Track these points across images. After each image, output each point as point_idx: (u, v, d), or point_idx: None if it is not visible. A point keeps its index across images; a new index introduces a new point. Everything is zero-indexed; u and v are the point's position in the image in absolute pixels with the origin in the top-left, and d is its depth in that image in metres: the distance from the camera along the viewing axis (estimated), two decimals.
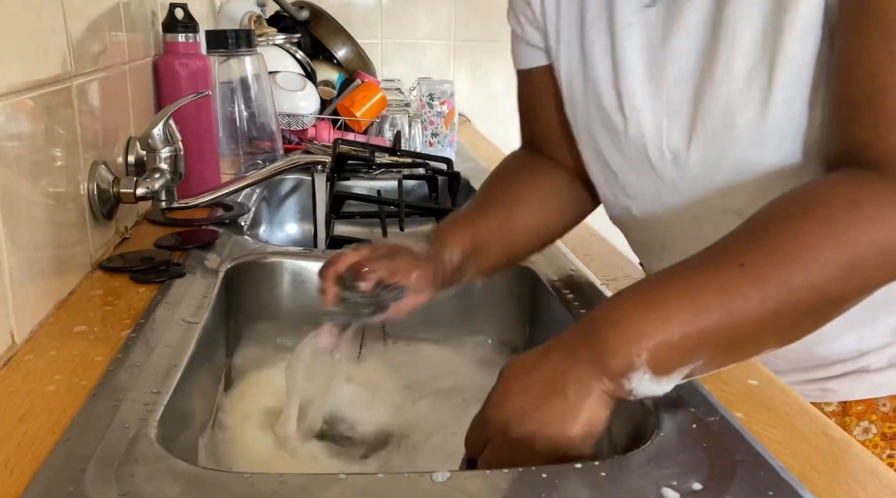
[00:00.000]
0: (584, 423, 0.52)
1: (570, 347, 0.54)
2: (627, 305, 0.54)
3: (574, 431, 0.52)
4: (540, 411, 0.52)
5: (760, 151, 0.64)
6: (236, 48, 1.32)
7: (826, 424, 0.57)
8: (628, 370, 0.52)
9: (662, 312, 0.52)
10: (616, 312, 0.54)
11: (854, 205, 0.52)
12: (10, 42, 0.67)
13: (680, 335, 0.51)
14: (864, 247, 0.51)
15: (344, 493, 0.47)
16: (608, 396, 0.53)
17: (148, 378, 0.60)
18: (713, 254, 0.55)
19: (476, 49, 2.24)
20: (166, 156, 0.93)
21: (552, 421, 0.52)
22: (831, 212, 0.52)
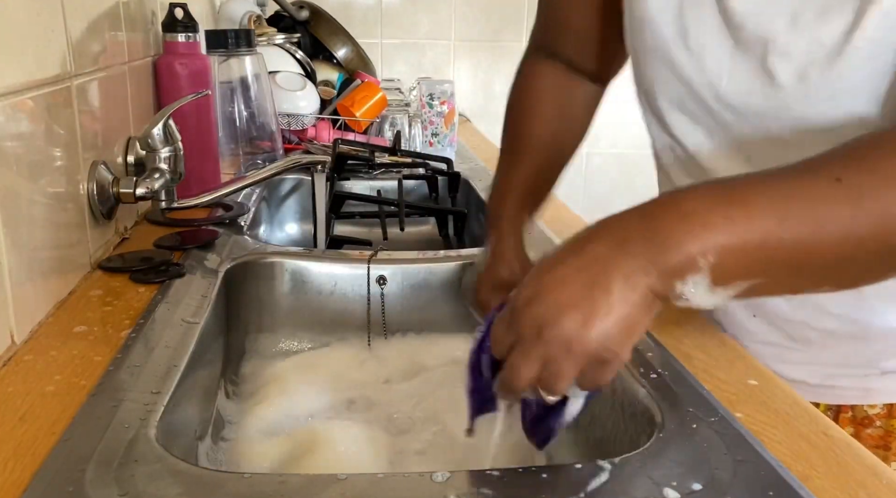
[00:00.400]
0: (626, 326, 0.46)
1: (619, 235, 0.47)
2: (704, 198, 0.47)
3: (614, 334, 0.45)
4: (578, 308, 0.46)
5: (832, 102, 0.60)
6: (236, 48, 1.32)
7: (826, 424, 0.57)
8: (687, 271, 0.46)
9: (744, 212, 0.46)
10: (689, 202, 0.47)
11: None
12: (10, 42, 0.67)
13: (758, 242, 0.46)
14: None
15: (344, 493, 0.47)
16: (655, 298, 0.46)
17: (148, 378, 0.60)
18: (807, 164, 0.49)
19: (476, 49, 2.24)
20: (166, 156, 0.93)
21: (592, 320, 0.45)
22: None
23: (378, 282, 0.92)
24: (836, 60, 0.59)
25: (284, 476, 0.49)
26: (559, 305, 0.46)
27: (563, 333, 0.46)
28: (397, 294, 0.92)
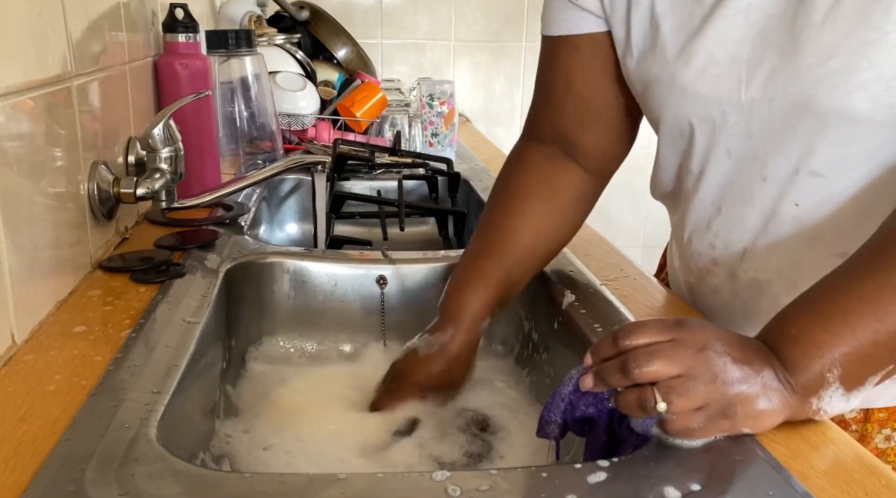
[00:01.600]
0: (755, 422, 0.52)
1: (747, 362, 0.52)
2: (805, 321, 0.53)
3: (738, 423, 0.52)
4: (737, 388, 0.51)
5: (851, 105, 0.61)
6: (236, 48, 1.32)
7: (826, 424, 0.57)
8: (820, 388, 0.52)
9: (845, 323, 0.51)
10: (794, 328, 0.53)
11: None
12: (10, 42, 0.67)
13: (870, 342, 0.51)
14: None
15: (344, 492, 0.47)
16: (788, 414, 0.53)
17: (148, 378, 0.60)
18: (878, 256, 0.54)
19: (476, 49, 2.24)
20: (166, 156, 0.93)
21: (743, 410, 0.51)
22: None
23: (378, 282, 0.92)
24: None
25: (284, 476, 0.49)
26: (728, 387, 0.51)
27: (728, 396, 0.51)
28: (398, 295, 0.92)
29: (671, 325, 0.53)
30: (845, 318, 0.52)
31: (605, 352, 0.54)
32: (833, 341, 0.51)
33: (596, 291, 0.82)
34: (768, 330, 0.55)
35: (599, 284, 0.85)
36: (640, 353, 0.51)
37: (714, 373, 0.50)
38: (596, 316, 0.76)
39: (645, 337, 0.52)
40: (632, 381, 0.51)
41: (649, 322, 0.54)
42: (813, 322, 0.53)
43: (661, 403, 0.50)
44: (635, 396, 0.51)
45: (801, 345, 0.52)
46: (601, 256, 0.95)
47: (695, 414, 0.51)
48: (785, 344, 0.53)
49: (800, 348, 0.52)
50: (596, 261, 0.93)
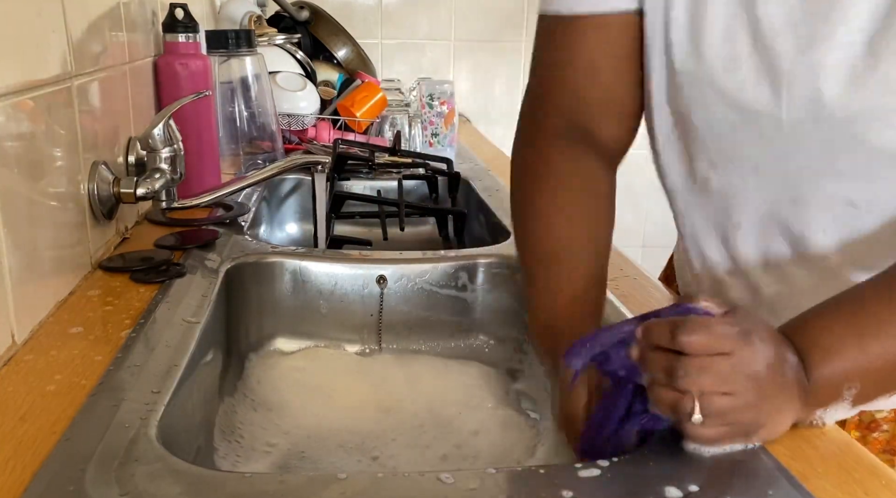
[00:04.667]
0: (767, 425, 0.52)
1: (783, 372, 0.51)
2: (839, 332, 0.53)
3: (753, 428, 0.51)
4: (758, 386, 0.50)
5: None
6: (236, 48, 1.32)
7: (827, 424, 0.57)
8: (832, 401, 0.53)
9: (877, 342, 0.52)
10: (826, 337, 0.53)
11: None
12: (10, 42, 0.67)
13: (894, 366, 0.52)
14: None
15: (344, 492, 0.47)
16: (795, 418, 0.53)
17: (148, 378, 0.60)
18: None
19: (476, 49, 2.24)
20: (166, 156, 0.93)
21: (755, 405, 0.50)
22: None
23: (378, 282, 0.92)
24: None
25: (284, 476, 0.49)
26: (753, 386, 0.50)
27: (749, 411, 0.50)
28: (398, 295, 0.92)
29: (735, 334, 0.50)
30: (878, 338, 0.52)
31: (658, 339, 0.50)
32: (862, 358, 0.52)
33: None
34: (799, 330, 0.53)
35: None
36: (694, 363, 0.48)
37: (758, 399, 0.50)
38: None
39: (705, 340, 0.49)
40: (674, 386, 0.49)
41: (713, 324, 0.50)
42: (846, 334, 0.52)
43: (697, 414, 0.48)
44: (673, 398, 0.49)
45: (830, 356, 0.52)
46: None
47: (721, 428, 0.50)
48: (814, 351, 0.52)
49: (828, 360, 0.52)
50: None
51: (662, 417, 0.52)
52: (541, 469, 0.50)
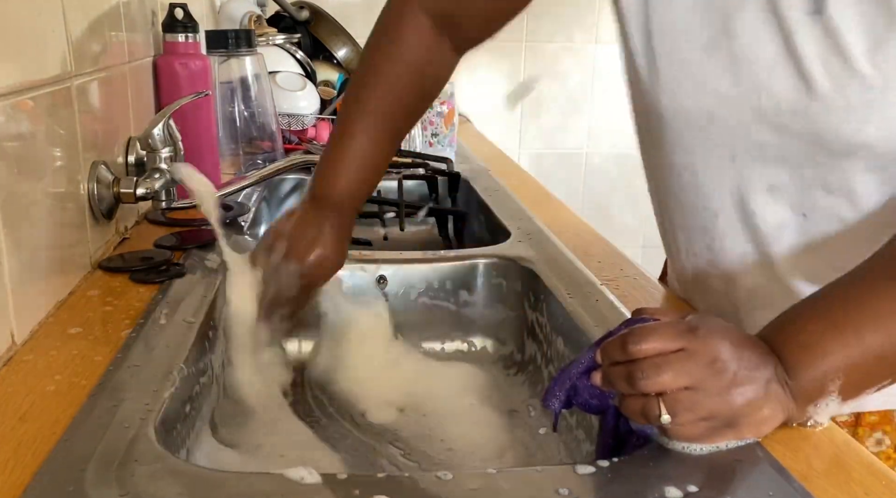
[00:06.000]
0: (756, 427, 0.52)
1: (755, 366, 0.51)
2: (815, 327, 0.53)
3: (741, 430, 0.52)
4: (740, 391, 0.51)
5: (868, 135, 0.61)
6: (236, 48, 1.32)
7: (827, 424, 0.57)
8: (818, 396, 0.53)
9: (854, 335, 0.52)
10: (803, 335, 0.53)
11: None
12: (10, 42, 0.67)
13: (875, 358, 0.52)
14: None
15: (344, 493, 0.47)
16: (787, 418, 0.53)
17: (148, 378, 0.60)
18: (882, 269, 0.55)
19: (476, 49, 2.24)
20: (166, 156, 0.93)
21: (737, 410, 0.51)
22: None
23: (378, 282, 0.92)
24: None
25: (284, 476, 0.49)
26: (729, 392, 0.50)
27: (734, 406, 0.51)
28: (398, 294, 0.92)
29: (683, 331, 0.51)
30: (857, 331, 0.52)
31: (613, 354, 0.52)
32: (841, 352, 0.52)
33: (596, 291, 0.82)
34: (775, 331, 0.55)
35: (599, 284, 0.85)
36: (648, 363, 0.49)
37: (722, 386, 0.50)
38: (596, 316, 0.76)
39: (655, 344, 0.50)
40: (638, 391, 0.50)
41: (660, 327, 0.51)
42: (823, 330, 0.53)
43: (665, 415, 0.49)
44: (640, 404, 0.50)
45: (809, 352, 0.52)
46: (601, 255, 0.95)
47: (699, 423, 0.50)
48: (792, 349, 0.53)
49: (807, 356, 0.52)
50: (596, 261, 0.93)
51: (646, 428, 0.52)
52: (540, 469, 0.50)
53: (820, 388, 0.52)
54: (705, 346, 0.50)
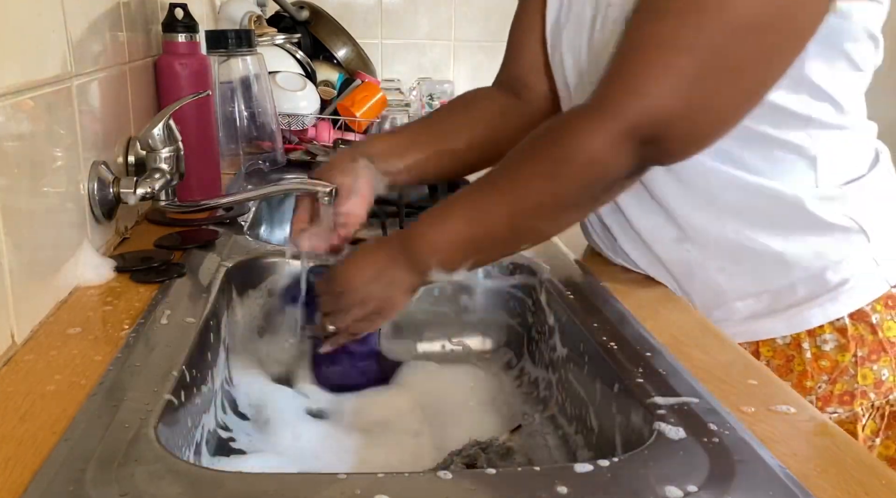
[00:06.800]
0: (401, 303, 0.74)
1: (391, 254, 0.72)
2: (424, 223, 0.71)
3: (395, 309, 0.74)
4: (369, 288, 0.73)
5: None
6: (236, 48, 1.32)
7: (826, 424, 0.57)
8: (426, 269, 0.70)
9: (447, 225, 0.70)
10: (421, 225, 0.71)
11: (563, 125, 0.69)
12: (10, 42, 0.67)
13: (463, 238, 0.69)
14: (564, 155, 0.66)
15: (344, 492, 0.47)
16: (414, 287, 0.73)
17: (148, 378, 0.60)
18: (486, 177, 0.71)
19: (476, 49, 2.24)
20: (166, 156, 0.92)
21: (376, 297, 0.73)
22: (551, 131, 0.69)
23: None
24: None
25: (284, 476, 0.49)
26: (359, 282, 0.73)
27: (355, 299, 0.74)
28: None
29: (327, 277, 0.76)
30: (448, 222, 0.70)
31: None
32: (436, 236, 0.70)
33: (597, 291, 0.82)
34: (411, 226, 0.72)
35: (600, 284, 0.85)
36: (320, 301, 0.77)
37: (349, 289, 0.73)
38: (597, 317, 0.76)
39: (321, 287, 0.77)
40: None
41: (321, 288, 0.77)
42: (430, 223, 0.71)
43: (330, 326, 0.76)
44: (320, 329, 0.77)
45: (421, 240, 0.70)
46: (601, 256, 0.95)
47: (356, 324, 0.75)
48: (411, 238, 0.71)
49: (417, 242, 0.71)
50: (596, 261, 0.93)
51: None
52: (542, 470, 0.50)
53: (425, 262, 0.70)
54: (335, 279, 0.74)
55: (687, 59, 0.63)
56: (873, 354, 0.80)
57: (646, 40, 0.65)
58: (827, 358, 0.81)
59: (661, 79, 0.64)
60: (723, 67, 0.64)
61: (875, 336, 0.80)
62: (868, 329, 0.80)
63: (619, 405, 0.63)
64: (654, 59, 0.64)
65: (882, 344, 0.80)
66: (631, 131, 0.64)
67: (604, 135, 0.65)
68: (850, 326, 0.80)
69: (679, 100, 0.64)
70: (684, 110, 0.65)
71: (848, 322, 0.80)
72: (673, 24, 0.64)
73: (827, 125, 0.76)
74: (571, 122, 0.68)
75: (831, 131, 0.77)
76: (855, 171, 0.80)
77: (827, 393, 0.81)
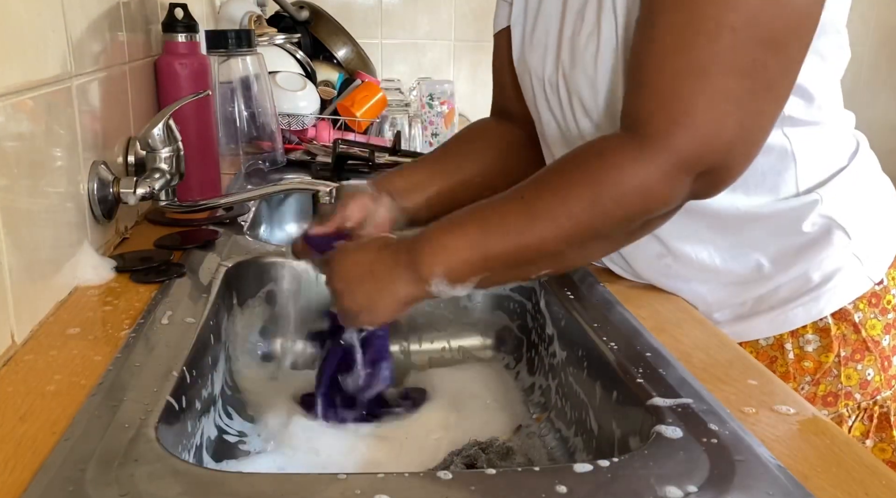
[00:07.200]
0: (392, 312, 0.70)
1: (394, 261, 0.68)
2: (438, 231, 0.68)
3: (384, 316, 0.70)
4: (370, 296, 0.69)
5: None
6: (236, 48, 1.32)
7: (826, 424, 0.57)
8: (430, 277, 0.66)
9: (460, 236, 0.66)
10: (432, 233, 0.68)
11: (601, 155, 0.65)
12: (10, 42, 0.67)
13: (476, 253, 0.65)
14: (607, 185, 0.64)
15: (344, 493, 0.47)
16: (414, 297, 0.68)
17: (148, 378, 0.60)
18: (509, 190, 0.68)
19: (476, 49, 2.24)
20: (166, 156, 0.93)
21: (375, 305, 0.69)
22: (587, 159, 0.66)
23: None
24: None
25: (284, 476, 0.49)
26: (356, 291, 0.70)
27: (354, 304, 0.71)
28: None
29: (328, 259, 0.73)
30: (462, 233, 0.66)
31: None
32: (447, 247, 0.66)
33: (596, 291, 0.82)
34: (422, 231, 0.69)
35: (601, 284, 0.85)
36: None
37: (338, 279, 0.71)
38: (598, 318, 0.76)
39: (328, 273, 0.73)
40: None
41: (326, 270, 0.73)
42: (441, 233, 0.68)
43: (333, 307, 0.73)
44: None
45: (431, 249, 0.67)
46: None
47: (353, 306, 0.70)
48: (421, 243, 0.67)
49: (426, 247, 0.67)
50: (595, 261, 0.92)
51: None
52: (542, 470, 0.50)
53: (430, 272, 0.66)
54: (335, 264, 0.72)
55: (732, 81, 0.62)
56: (857, 354, 0.80)
57: (684, 68, 0.62)
58: (810, 359, 0.81)
59: (709, 107, 0.62)
60: (763, 84, 0.63)
61: (858, 335, 0.80)
62: (851, 328, 0.80)
63: (619, 405, 0.63)
64: (700, 86, 0.62)
65: (866, 343, 0.80)
66: (687, 164, 0.63)
67: (656, 168, 0.62)
68: (832, 326, 0.79)
69: (731, 126, 0.62)
70: (738, 135, 0.63)
71: (831, 322, 0.79)
72: (709, 48, 0.61)
73: (801, 121, 0.76)
74: (615, 155, 0.64)
75: (807, 127, 0.76)
76: (836, 164, 0.79)
77: (810, 394, 0.81)
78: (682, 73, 0.62)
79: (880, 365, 0.81)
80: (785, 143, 0.76)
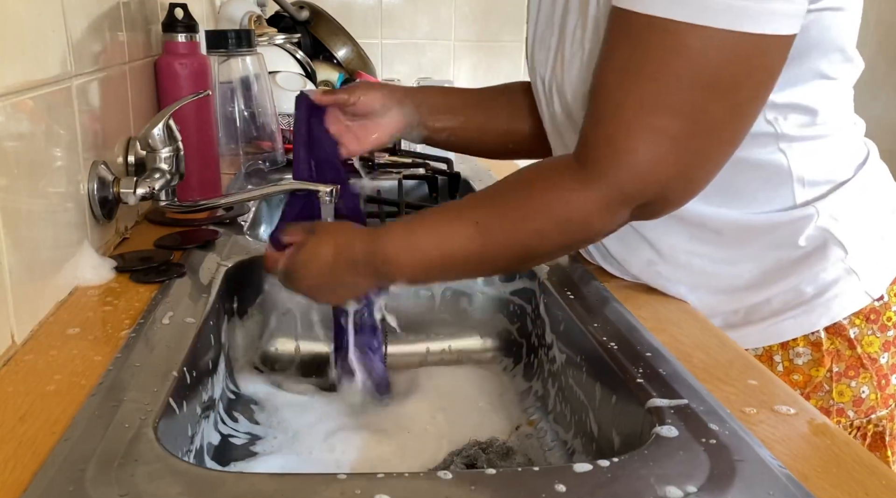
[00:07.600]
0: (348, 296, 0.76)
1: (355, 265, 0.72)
2: (396, 241, 0.71)
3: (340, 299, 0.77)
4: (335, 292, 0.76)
5: None
6: (236, 48, 1.32)
7: (826, 424, 0.57)
8: (392, 282, 0.73)
9: (416, 251, 0.71)
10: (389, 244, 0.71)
11: (548, 184, 0.68)
12: (10, 42, 0.67)
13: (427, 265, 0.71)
14: (551, 216, 0.67)
15: (344, 493, 0.47)
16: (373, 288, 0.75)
17: (148, 378, 0.60)
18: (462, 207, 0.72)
19: (476, 49, 2.24)
20: (166, 156, 0.92)
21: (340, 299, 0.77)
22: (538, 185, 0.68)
23: None
24: None
25: (284, 476, 0.49)
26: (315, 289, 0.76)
27: None
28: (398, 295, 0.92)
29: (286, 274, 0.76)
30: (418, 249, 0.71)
31: None
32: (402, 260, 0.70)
33: (596, 291, 0.82)
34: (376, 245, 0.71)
35: (600, 284, 0.84)
36: None
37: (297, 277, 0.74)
38: (598, 318, 0.76)
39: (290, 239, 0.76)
40: None
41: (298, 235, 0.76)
42: (399, 246, 0.71)
43: None
44: None
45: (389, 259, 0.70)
46: None
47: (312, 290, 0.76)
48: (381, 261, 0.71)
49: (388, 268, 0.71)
50: None
51: None
52: (542, 471, 0.50)
53: (392, 278, 0.72)
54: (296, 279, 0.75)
55: (670, 121, 0.63)
56: (851, 370, 0.79)
57: (624, 103, 0.64)
58: (800, 372, 0.80)
59: (648, 144, 0.63)
60: (704, 126, 0.64)
61: (853, 351, 0.79)
62: (845, 344, 0.79)
63: (619, 405, 0.63)
64: (638, 122, 0.63)
65: (861, 360, 0.79)
66: (625, 199, 0.65)
67: (597, 200, 0.65)
68: (825, 340, 0.78)
69: (670, 164, 0.64)
70: (675, 172, 0.65)
71: (824, 336, 0.78)
72: (650, 87, 0.63)
73: (801, 137, 0.75)
74: (563, 181, 0.67)
75: (809, 142, 0.75)
76: (839, 176, 0.78)
77: None
78: (625, 108, 0.64)
79: (876, 383, 0.80)
80: (781, 160, 0.75)
